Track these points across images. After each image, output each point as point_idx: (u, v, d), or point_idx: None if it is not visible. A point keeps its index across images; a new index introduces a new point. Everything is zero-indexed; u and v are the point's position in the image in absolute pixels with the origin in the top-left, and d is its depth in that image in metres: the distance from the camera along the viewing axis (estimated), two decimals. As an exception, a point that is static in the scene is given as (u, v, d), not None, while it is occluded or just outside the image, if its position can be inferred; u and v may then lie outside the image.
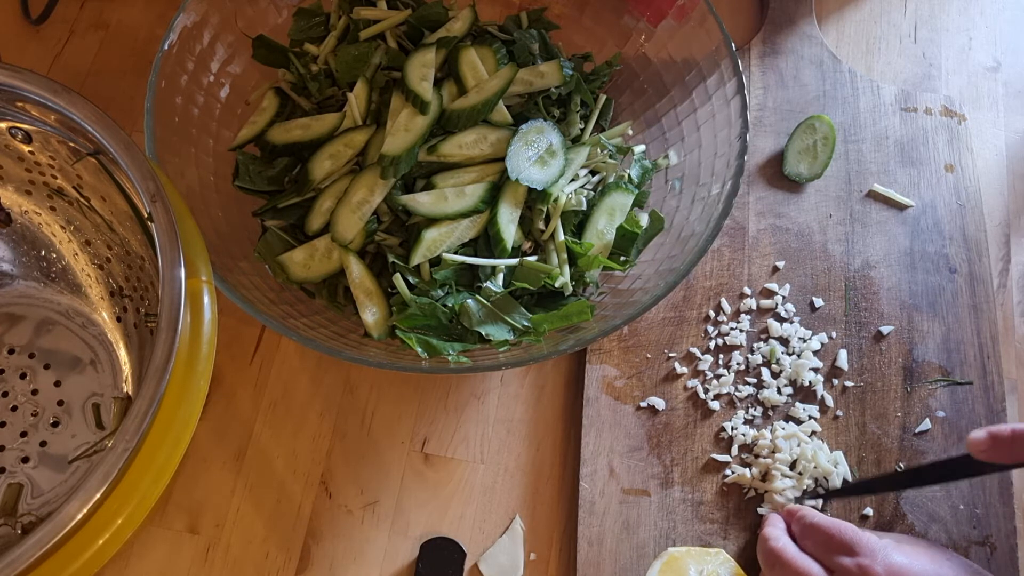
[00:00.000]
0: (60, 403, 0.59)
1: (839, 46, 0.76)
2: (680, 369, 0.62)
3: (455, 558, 0.57)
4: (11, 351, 0.60)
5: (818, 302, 0.65)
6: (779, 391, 0.61)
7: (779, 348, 0.63)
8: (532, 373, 0.64)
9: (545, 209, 0.60)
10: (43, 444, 0.58)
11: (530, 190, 0.59)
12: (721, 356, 0.63)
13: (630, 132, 0.66)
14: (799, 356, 0.62)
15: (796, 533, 0.54)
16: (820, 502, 0.57)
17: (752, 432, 0.60)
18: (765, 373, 0.62)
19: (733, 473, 0.59)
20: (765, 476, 0.58)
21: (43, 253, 0.61)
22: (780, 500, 0.57)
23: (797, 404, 0.61)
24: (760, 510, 0.58)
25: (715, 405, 0.61)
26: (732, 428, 0.60)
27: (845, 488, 0.58)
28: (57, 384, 0.59)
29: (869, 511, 0.58)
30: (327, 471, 0.60)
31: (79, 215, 0.58)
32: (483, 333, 0.55)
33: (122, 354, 0.60)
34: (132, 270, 0.58)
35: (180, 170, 0.57)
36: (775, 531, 0.54)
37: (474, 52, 0.63)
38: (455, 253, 0.58)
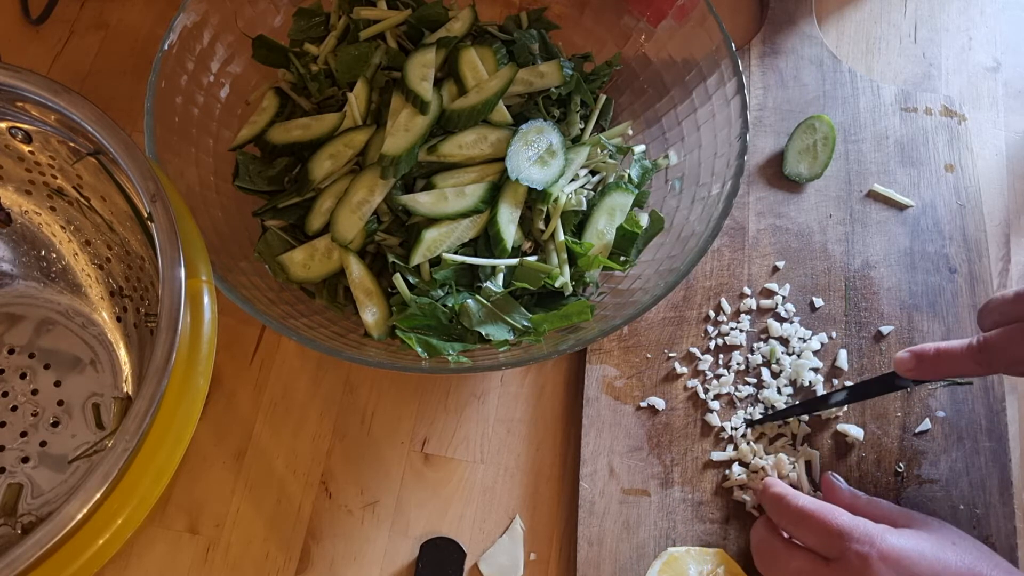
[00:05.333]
0: (60, 403, 0.59)
1: (839, 46, 0.76)
2: (680, 369, 0.62)
3: (455, 558, 0.57)
4: (11, 351, 0.60)
5: (818, 302, 0.65)
6: (779, 391, 0.61)
7: (779, 348, 0.63)
8: (532, 373, 0.64)
9: (545, 209, 0.60)
10: (43, 444, 0.58)
11: (530, 190, 0.59)
12: (721, 356, 0.63)
13: (630, 132, 0.66)
14: (799, 356, 0.62)
15: (784, 522, 0.52)
16: (751, 428, 0.59)
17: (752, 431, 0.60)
18: (765, 373, 0.62)
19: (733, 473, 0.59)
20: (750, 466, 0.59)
21: (43, 253, 0.61)
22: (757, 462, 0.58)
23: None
24: (745, 497, 0.58)
25: (715, 405, 0.61)
26: (732, 428, 0.60)
27: (779, 412, 0.59)
28: (57, 384, 0.59)
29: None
30: (327, 471, 0.60)
31: (79, 215, 0.58)
32: (483, 333, 0.55)
33: (122, 354, 0.60)
34: (132, 270, 0.58)
35: (180, 170, 0.57)
36: (762, 530, 0.54)
37: (474, 52, 0.63)
38: (455, 253, 0.58)
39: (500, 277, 0.58)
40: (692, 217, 0.59)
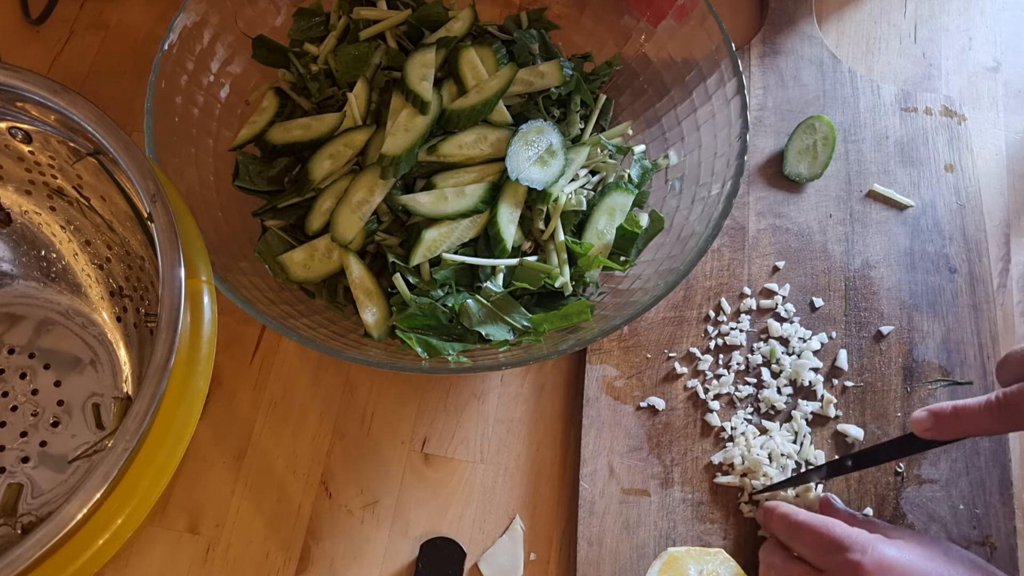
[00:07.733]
0: (60, 403, 0.59)
1: (839, 46, 0.76)
2: (680, 369, 0.62)
3: (455, 558, 0.57)
4: (11, 351, 0.60)
5: (818, 302, 0.65)
6: (779, 391, 0.61)
7: (779, 348, 0.63)
8: (532, 373, 0.64)
9: (545, 209, 0.60)
10: (43, 444, 0.58)
11: (530, 190, 0.59)
12: (721, 356, 0.63)
13: (630, 132, 0.66)
14: (799, 356, 0.62)
15: (784, 536, 0.53)
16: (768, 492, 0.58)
17: (753, 429, 0.60)
18: (765, 373, 0.62)
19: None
20: (746, 473, 0.58)
21: (43, 253, 0.61)
22: (750, 482, 0.58)
23: (800, 402, 0.61)
24: (745, 508, 0.58)
25: (715, 405, 0.61)
26: (732, 428, 0.60)
27: (795, 478, 0.57)
28: (57, 384, 0.59)
29: (869, 511, 0.58)
30: (327, 471, 0.60)
31: (79, 215, 0.58)
32: (483, 333, 0.55)
33: (122, 354, 0.60)
34: (132, 270, 0.58)
35: (180, 170, 0.57)
36: (768, 547, 0.55)
37: (474, 52, 0.63)
38: (455, 253, 0.58)
39: (500, 277, 0.58)
40: (692, 217, 0.59)
